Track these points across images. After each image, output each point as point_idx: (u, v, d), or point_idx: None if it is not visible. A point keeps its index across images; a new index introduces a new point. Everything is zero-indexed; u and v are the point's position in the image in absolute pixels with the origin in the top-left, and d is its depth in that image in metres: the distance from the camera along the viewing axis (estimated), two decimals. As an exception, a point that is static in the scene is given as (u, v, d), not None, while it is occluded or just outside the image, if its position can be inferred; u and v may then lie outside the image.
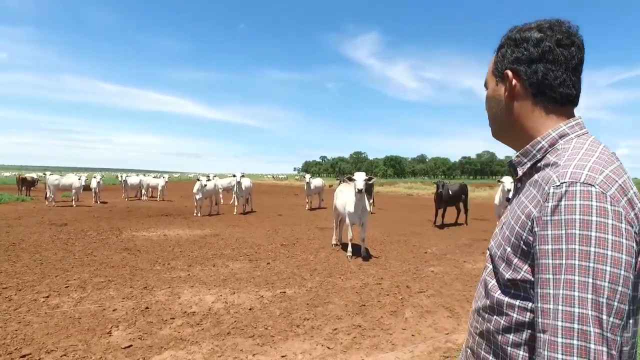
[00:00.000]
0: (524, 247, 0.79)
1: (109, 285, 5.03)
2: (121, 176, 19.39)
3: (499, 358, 0.84)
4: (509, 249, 0.82)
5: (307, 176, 16.32)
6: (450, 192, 11.31)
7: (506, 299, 0.82)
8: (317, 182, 16.66)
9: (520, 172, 0.90)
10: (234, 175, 14.02)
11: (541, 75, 0.85)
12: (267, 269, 6.09)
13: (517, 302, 0.80)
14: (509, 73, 0.89)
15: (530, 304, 0.78)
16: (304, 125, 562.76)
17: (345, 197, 7.24)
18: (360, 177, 6.75)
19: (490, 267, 0.90)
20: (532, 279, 0.77)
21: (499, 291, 0.85)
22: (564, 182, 0.73)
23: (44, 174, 15.87)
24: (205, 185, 12.70)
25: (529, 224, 0.77)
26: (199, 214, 13.00)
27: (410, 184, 42.08)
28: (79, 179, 15.34)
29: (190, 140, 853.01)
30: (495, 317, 0.85)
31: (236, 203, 14.58)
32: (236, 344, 3.45)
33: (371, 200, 15.45)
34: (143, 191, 19.74)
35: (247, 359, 3.21)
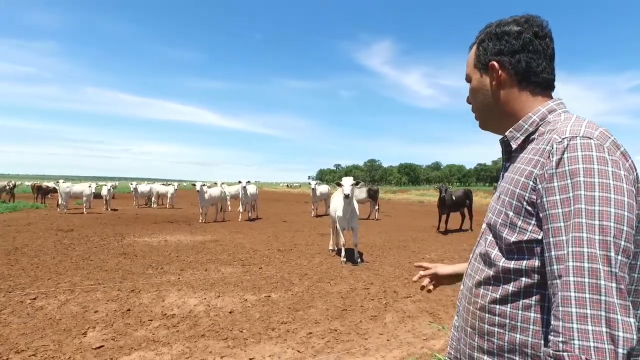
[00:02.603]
0: (527, 207, 0.83)
1: (98, 288, 5.10)
2: (132, 184, 19.75)
3: (507, 326, 0.86)
4: (511, 214, 0.86)
5: (313, 183, 16.32)
6: (454, 198, 11.12)
7: (512, 264, 0.85)
8: (322, 188, 16.63)
9: (514, 145, 0.95)
10: (240, 182, 14.13)
11: (525, 63, 0.94)
12: (257, 274, 6.08)
13: (524, 265, 0.83)
14: (495, 64, 0.96)
15: (537, 263, 0.82)
16: (319, 133, 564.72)
17: (336, 202, 7.26)
18: (347, 182, 6.83)
19: (490, 238, 0.93)
20: (539, 237, 0.81)
21: (504, 259, 0.87)
22: (565, 137, 0.79)
23: (57, 182, 16.29)
24: (206, 192, 12.86)
25: (531, 183, 0.83)
26: (204, 221, 13.13)
27: (422, 191, 41.66)
28: (89, 187, 15.70)
29: (207, 149, 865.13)
30: (502, 285, 0.88)
31: (241, 210, 14.66)
32: (207, 346, 3.44)
33: (376, 207, 15.36)
34: (153, 199, 20.07)
35: (215, 361, 3.20)
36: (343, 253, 7.02)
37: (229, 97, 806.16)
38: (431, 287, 1.35)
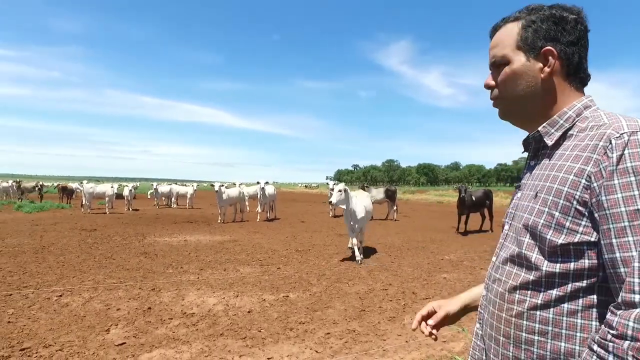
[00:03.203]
0: (578, 207, 0.78)
1: (120, 286, 5.21)
2: (153, 184, 20.17)
3: (549, 334, 0.80)
4: (557, 214, 0.80)
5: (331, 183, 16.30)
6: (474, 198, 10.94)
7: (558, 268, 0.80)
8: (340, 189, 16.60)
9: (550, 142, 0.89)
10: (258, 182, 14.25)
11: (578, 57, 0.89)
12: (276, 274, 6.11)
13: (572, 269, 0.78)
14: (554, 51, 0.89)
15: (587, 266, 0.77)
16: (337, 133, 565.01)
17: None
18: (335, 190, 7.01)
19: (527, 240, 0.85)
20: (591, 239, 0.76)
21: (547, 262, 0.81)
22: (624, 133, 0.75)
23: (81, 183, 16.77)
24: (224, 192, 13.04)
25: (583, 181, 0.77)
26: (223, 221, 13.28)
27: (441, 191, 41.13)
28: (112, 188, 16.11)
29: (225, 150, 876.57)
30: (544, 290, 0.82)
31: (260, 210, 14.77)
32: (226, 345, 3.47)
33: (394, 207, 15.26)
34: (173, 199, 20.42)
35: (233, 360, 3.23)
36: (358, 253, 7.01)
37: (246, 98, 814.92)
38: (437, 334, 1.14)
